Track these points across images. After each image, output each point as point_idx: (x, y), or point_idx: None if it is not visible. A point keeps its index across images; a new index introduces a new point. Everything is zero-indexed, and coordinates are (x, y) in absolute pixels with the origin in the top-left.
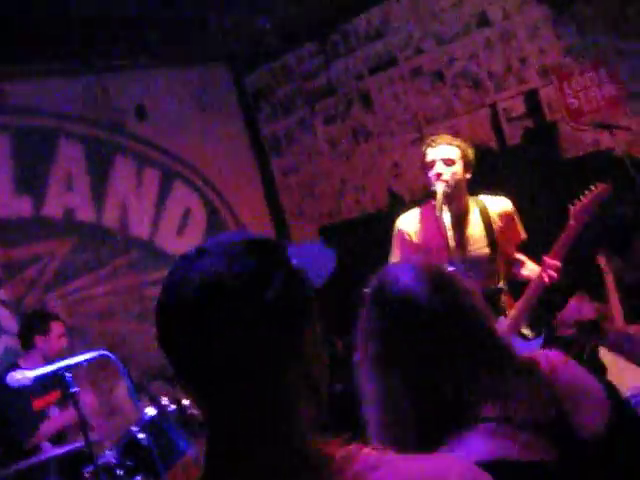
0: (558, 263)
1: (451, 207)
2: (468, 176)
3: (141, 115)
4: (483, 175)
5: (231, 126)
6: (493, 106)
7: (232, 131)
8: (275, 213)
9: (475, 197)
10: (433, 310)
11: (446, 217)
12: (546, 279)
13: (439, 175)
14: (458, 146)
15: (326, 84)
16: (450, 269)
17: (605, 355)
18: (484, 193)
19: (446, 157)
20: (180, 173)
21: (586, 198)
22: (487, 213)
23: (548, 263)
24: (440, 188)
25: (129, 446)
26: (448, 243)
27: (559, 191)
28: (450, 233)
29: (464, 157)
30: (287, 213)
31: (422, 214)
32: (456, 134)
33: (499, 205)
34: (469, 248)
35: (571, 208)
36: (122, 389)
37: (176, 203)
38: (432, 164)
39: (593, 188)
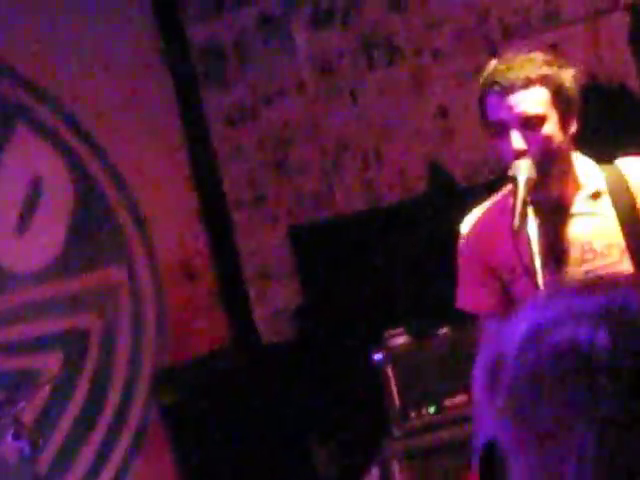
0: None
1: (542, 196)
2: (573, 129)
3: None
4: (614, 126)
5: (129, 20)
6: (636, 7)
7: (131, 30)
8: (207, 198)
9: (602, 163)
10: None
11: (532, 224)
12: None
13: (519, 154)
14: (545, 80)
15: None
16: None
17: None
18: (616, 155)
19: (527, 113)
20: (24, 108)
21: None
22: (626, 191)
23: None
24: (523, 173)
25: None
26: (532, 266)
27: None
28: (536, 247)
29: (561, 98)
30: (231, 200)
31: (491, 210)
32: (558, 56)
33: None
34: (580, 263)
35: None
36: None
37: (16, 167)
38: (502, 127)
39: None
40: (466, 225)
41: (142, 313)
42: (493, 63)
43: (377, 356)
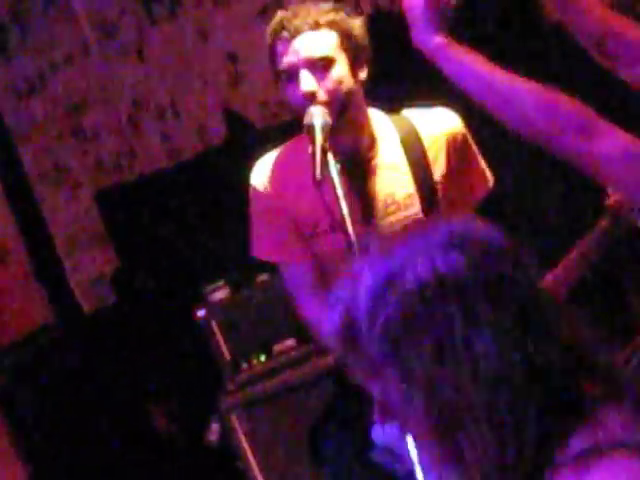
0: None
1: (338, 144)
2: (363, 75)
3: None
4: (400, 70)
5: None
6: None
7: None
8: (9, 179)
9: (391, 114)
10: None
11: (333, 169)
12: None
13: (309, 97)
14: (333, 24)
15: None
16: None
17: None
18: (409, 105)
19: (314, 55)
20: None
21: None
22: (418, 142)
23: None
24: (318, 119)
25: None
26: (340, 214)
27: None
28: (341, 195)
29: (349, 42)
30: (32, 174)
31: (287, 157)
32: (346, 5)
33: (440, 124)
34: (384, 215)
35: (608, 197)
36: None
37: None
38: (289, 73)
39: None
40: (259, 173)
41: None
42: (280, 12)
43: (200, 312)
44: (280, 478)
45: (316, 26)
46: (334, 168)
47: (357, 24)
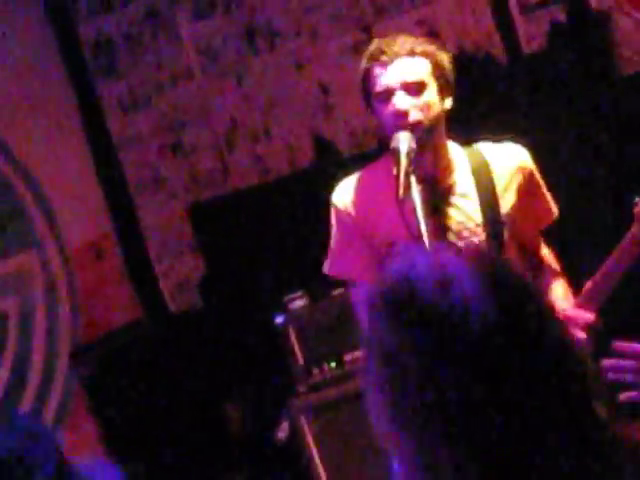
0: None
1: (420, 168)
2: (448, 104)
3: None
4: (479, 105)
5: (23, 21)
6: None
7: (23, 30)
8: (111, 186)
9: (465, 146)
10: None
11: (415, 190)
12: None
13: (402, 115)
14: (427, 54)
15: None
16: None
17: None
18: (481, 138)
19: (410, 79)
20: None
21: None
22: (488, 173)
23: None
24: (404, 144)
25: None
26: (419, 232)
27: (616, 137)
28: (421, 215)
29: (439, 73)
30: (132, 182)
31: (368, 180)
32: (430, 34)
33: (510, 159)
34: (456, 240)
35: (638, 200)
36: None
37: None
38: (386, 94)
39: None
40: (340, 194)
41: (55, 294)
42: (376, 40)
43: (278, 319)
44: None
45: (412, 53)
46: (416, 190)
47: (446, 57)
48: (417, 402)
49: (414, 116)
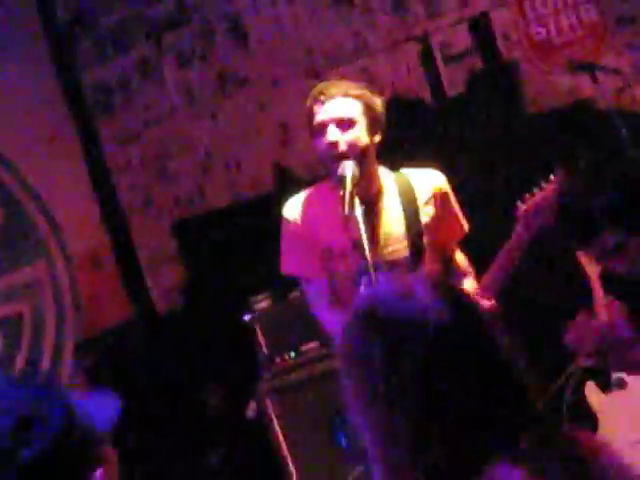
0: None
1: (360, 190)
2: (377, 139)
3: None
4: (410, 138)
5: (33, 69)
6: (424, 39)
7: (34, 77)
8: (107, 206)
9: (394, 172)
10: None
11: (358, 209)
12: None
13: (333, 146)
14: (359, 96)
15: (176, 9)
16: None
17: (591, 394)
18: (408, 165)
19: (341, 116)
20: None
21: (537, 196)
22: (411, 192)
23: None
24: (349, 171)
25: None
26: (360, 243)
27: (521, 163)
28: (362, 227)
29: (369, 112)
30: (125, 203)
31: (313, 197)
32: (370, 80)
33: (429, 181)
34: (384, 246)
35: (519, 206)
36: None
37: None
38: (322, 128)
39: (544, 184)
40: (289, 207)
41: (61, 298)
42: (319, 84)
43: (246, 317)
44: (303, 452)
45: (346, 95)
46: (359, 208)
47: (378, 101)
48: (383, 386)
49: (342, 147)
